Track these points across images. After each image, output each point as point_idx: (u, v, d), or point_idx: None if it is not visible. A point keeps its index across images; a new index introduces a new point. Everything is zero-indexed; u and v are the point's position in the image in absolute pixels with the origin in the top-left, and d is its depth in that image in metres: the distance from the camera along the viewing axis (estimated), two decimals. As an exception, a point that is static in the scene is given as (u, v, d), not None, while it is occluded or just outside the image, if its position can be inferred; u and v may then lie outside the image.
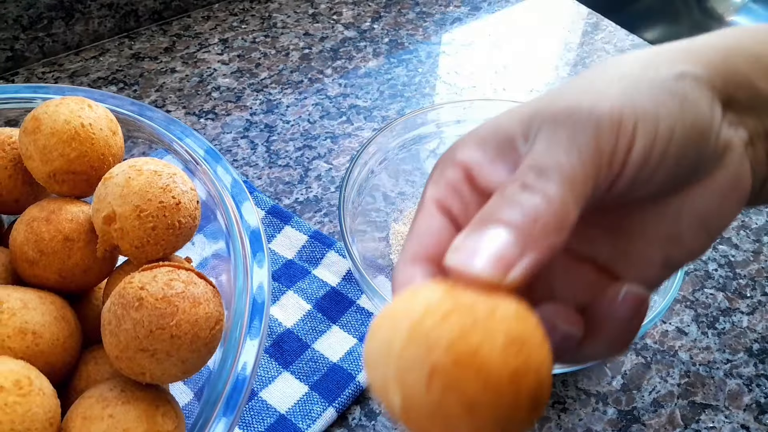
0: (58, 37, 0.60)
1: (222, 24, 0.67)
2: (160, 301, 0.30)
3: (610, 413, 0.39)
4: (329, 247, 0.46)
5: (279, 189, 0.51)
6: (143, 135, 0.41)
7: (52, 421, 0.29)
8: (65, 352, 0.33)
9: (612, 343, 0.22)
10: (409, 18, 0.69)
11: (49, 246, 0.34)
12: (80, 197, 0.37)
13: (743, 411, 0.40)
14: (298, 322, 0.42)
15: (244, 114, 0.57)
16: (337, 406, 0.38)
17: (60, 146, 0.34)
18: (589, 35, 0.68)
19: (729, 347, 0.43)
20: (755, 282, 0.46)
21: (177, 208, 0.34)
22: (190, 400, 0.38)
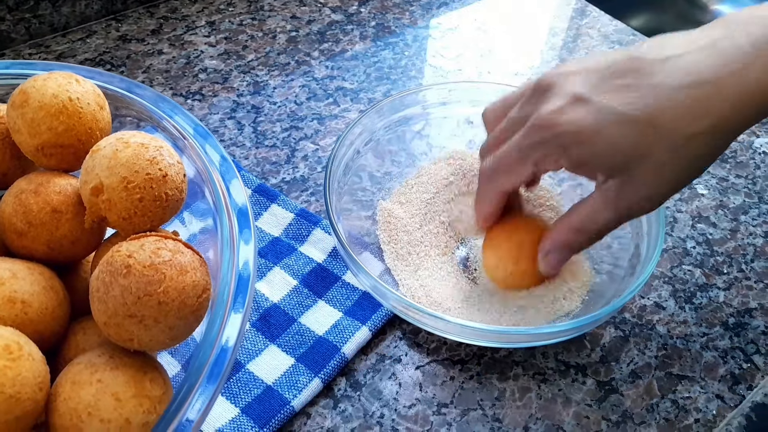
0: (44, 18, 0.60)
1: (209, 6, 0.67)
2: (148, 268, 0.30)
3: (588, 384, 0.40)
4: (315, 224, 0.46)
5: (266, 169, 0.52)
6: (132, 112, 0.41)
7: (42, 385, 0.30)
8: (54, 321, 0.34)
9: None
10: (395, 2, 0.69)
11: (37, 218, 0.34)
12: (68, 171, 0.37)
13: (718, 382, 0.41)
14: (284, 297, 0.43)
15: (231, 95, 0.58)
16: (323, 377, 0.39)
17: (48, 120, 0.35)
18: (575, 20, 0.69)
19: (705, 321, 0.44)
20: (732, 259, 0.47)
21: (164, 180, 0.34)
22: (178, 371, 0.38)
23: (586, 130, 0.32)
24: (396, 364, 0.41)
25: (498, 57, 0.63)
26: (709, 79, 0.31)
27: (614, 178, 0.33)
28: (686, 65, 0.31)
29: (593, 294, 0.42)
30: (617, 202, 0.33)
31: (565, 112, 0.32)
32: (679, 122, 0.31)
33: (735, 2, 0.90)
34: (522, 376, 0.40)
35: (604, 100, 0.32)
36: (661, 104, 0.31)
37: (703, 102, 0.31)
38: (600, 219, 0.34)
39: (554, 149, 0.33)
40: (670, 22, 0.90)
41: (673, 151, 0.31)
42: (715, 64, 0.31)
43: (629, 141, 0.32)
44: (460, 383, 0.40)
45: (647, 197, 0.33)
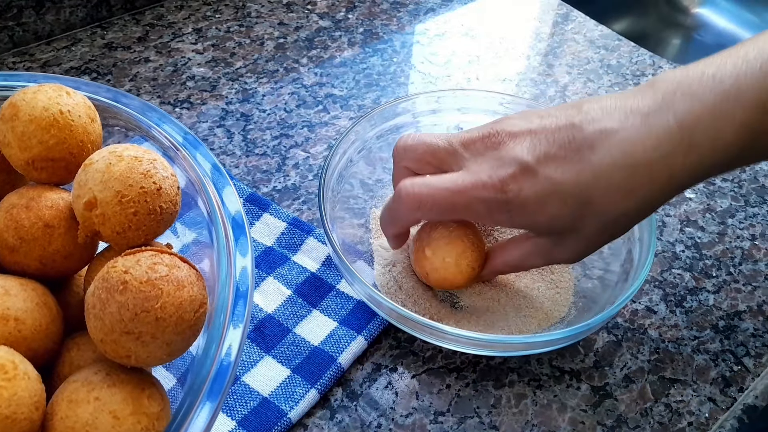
0: (28, 26, 0.59)
1: (196, 13, 0.66)
2: (145, 284, 0.30)
3: (583, 389, 0.41)
4: (308, 233, 0.46)
5: (257, 177, 0.51)
6: (119, 122, 0.40)
7: (38, 405, 0.29)
8: (48, 338, 0.33)
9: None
10: (383, 8, 0.69)
11: (29, 233, 0.34)
12: (59, 184, 0.37)
13: (710, 384, 0.41)
14: (278, 307, 0.43)
15: (220, 103, 0.57)
16: (320, 388, 0.39)
17: (39, 133, 0.34)
18: (560, 26, 0.69)
19: (696, 324, 0.44)
20: (720, 262, 0.48)
21: (158, 194, 0.34)
22: (174, 385, 0.38)
23: (531, 203, 0.35)
24: (392, 373, 0.41)
25: (485, 63, 0.64)
26: (641, 162, 0.33)
27: (548, 237, 0.38)
28: (621, 144, 0.34)
29: (586, 300, 0.43)
30: (547, 255, 0.38)
31: (515, 181, 0.35)
32: (611, 202, 0.34)
33: (715, 5, 0.92)
34: (517, 383, 0.41)
35: (548, 173, 0.35)
36: (596, 182, 0.34)
37: (634, 184, 0.34)
38: (531, 262, 0.40)
39: (501, 213, 0.36)
40: (652, 26, 0.92)
41: (602, 227, 0.36)
42: (646, 147, 0.33)
43: (566, 216, 0.35)
44: (456, 391, 0.40)
45: (572, 257, 0.38)
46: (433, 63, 0.63)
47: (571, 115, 0.36)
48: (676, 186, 0.34)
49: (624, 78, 0.63)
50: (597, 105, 0.35)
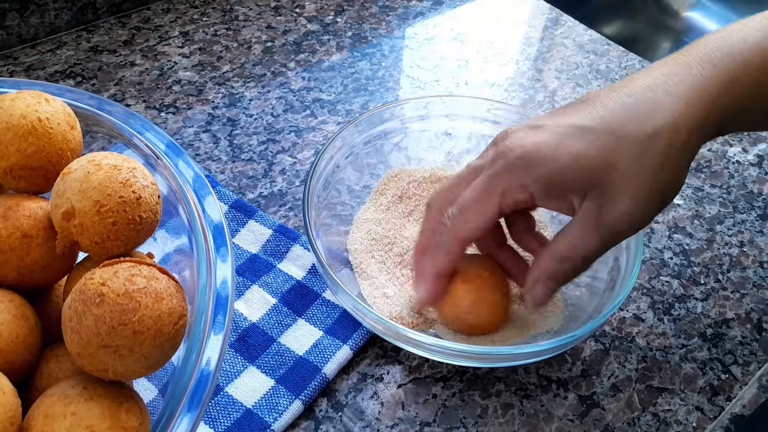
0: (12, 29, 0.59)
1: (182, 17, 0.66)
2: (122, 296, 0.29)
3: (570, 398, 0.40)
4: (294, 240, 0.46)
5: (243, 183, 0.51)
6: (102, 129, 0.40)
7: (13, 420, 0.29)
8: (25, 350, 0.33)
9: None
10: (372, 12, 0.69)
11: (6, 243, 0.33)
12: (38, 193, 0.36)
13: (698, 393, 0.41)
14: (263, 316, 0.42)
15: (206, 108, 0.57)
16: (304, 399, 0.38)
17: (16, 141, 0.34)
18: (549, 30, 0.69)
19: (684, 332, 0.44)
20: (708, 269, 0.48)
21: (137, 203, 0.33)
22: (155, 396, 0.38)
23: (547, 146, 0.33)
24: (378, 383, 0.40)
25: (475, 67, 0.63)
26: (657, 83, 0.33)
27: (589, 199, 0.33)
28: (633, 85, 0.33)
29: (573, 308, 0.42)
30: (599, 223, 0.32)
31: (523, 138, 0.34)
32: (636, 123, 0.32)
33: (705, 9, 0.92)
34: (504, 393, 0.40)
35: (559, 121, 0.34)
36: (614, 112, 0.32)
37: (654, 102, 0.32)
38: (585, 244, 0.33)
39: (519, 172, 0.33)
40: (642, 30, 0.92)
41: (639, 154, 0.31)
42: (662, 73, 0.33)
43: (592, 151, 0.32)
44: (442, 401, 0.40)
45: (628, 213, 0.32)
46: (422, 68, 0.63)
47: (577, 100, 0.35)
48: (700, 100, 0.32)
49: (613, 83, 0.63)
50: (604, 90, 0.35)
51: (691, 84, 0.32)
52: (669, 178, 0.32)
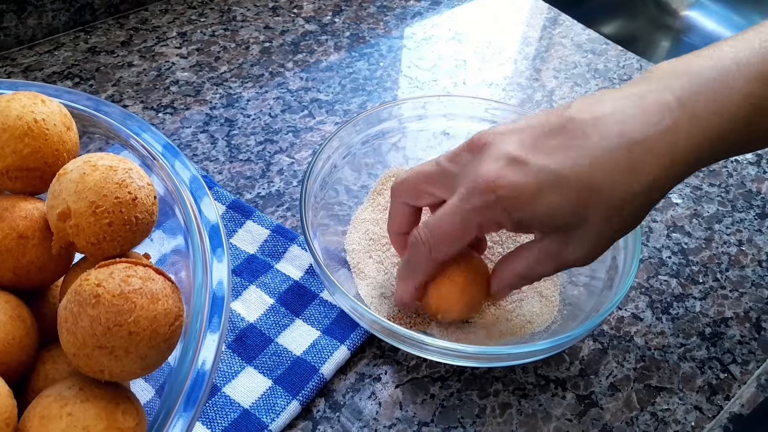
0: (9, 30, 0.59)
1: (180, 17, 0.66)
2: (118, 297, 0.29)
3: (569, 398, 0.40)
4: (292, 241, 0.46)
5: (240, 184, 0.51)
6: (99, 130, 0.40)
7: (8, 421, 0.29)
8: (21, 351, 0.33)
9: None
10: (370, 12, 0.69)
11: (2, 244, 0.33)
12: (34, 194, 0.36)
13: (696, 393, 0.41)
14: (260, 316, 0.42)
15: (204, 108, 0.57)
16: (301, 399, 0.38)
17: (12, 142, 0.34)
18: (548, 30, 0.69)
19: (682, 332, 0.44)
20: (707, 268, 0.48)
21: (133, 204, 0.33)
22: (152, 397, 0.37)
23: (526, 193, 0.32)
24: (375, 383, 0.40)
25: (473, 67, 0.63)
26: (639, 139, 0.31)
27: (552, 238, 0.35)
28: (616, 125, 0.32)
29: (571, 307, 0.42)
30: (557, 258, 0.35)
31: (503, 175, 0.33)
32: (615, 185, 0.32)
33: (703, 8, 0.92)
34: (502, 392, 0.40)
35: (540, 161, 0.32)
36: (595, 167, 0.31)
37: (636, 163, 0.31)
38: (540, 270, 0.36)
39: (498, 213, 0.34)
40: (641, 29, 0.91)
41: (610, 214, 0.32)
42: (644, 123, 0.31)
43: (567, 205, 0.32)
44: (440, 401, 0.40)
45: (584, 255, 0.35)
46: (420, 67, 0.63)
47: (559, 110, 0.34)
48: (682, 163, 0.32)
49: (611, 82, 0.63)
50: (587, 98, 0.34)
51: (674, 143, 0.31)
52: (629, 228, 0.35)
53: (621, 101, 0.32)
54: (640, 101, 0.32)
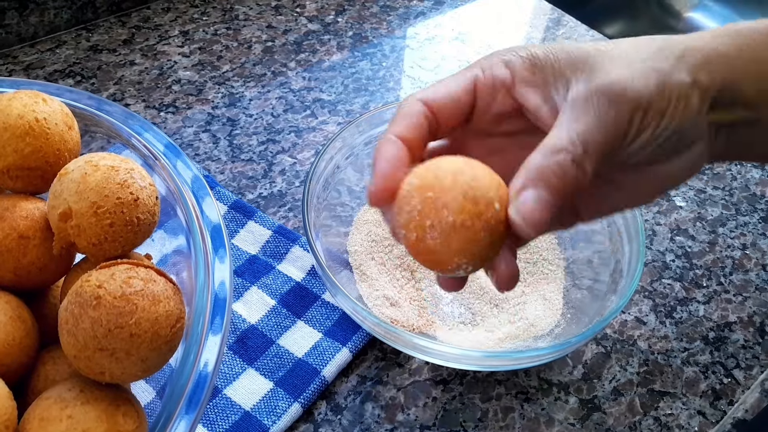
0: (11, 28, 0.58)
1: (182, 16, 0.65)
2: (119, 299, 0.29)
3: (571, 402, 0.40)
4: (294, 241, 0.46)
5: (242, 184, 0.51)
6: (101, 130, 0.40)
7: (8, 423, 0.28)
8: (21, 352, 0.32)
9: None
10: (373, 12, 0.68)
11: (3, 244, 0.33)
12: (35, 194, 0.36)
13: (699, 397, 0.41)
14: (262, 318, 0.42)
15: (206, 107, 0.56)
16: (303, 402, 0.38)
17: (13, 141, 0.33)
18: (551, 30, 0.68)
19: (686, 336, 0.44)
20: (711, 272, 0.48)
21: (135, 204, 0.33)
22: (153, 398, 0.37)
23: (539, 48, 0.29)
24: (377, 386, 0.40)
25: (476, 67, 0.63)
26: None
27: (576, 81, 0.27)
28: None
29: (575, 311, 0.42)
30: (589, 95, 0.26)
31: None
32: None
33: (706, 10, 0.91)
34: (505, 396, 0.40)
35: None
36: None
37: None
38: (578, 125, 0.26)
39: (503, 51, 0.30)
40: (643, 31, 0.91)
41: (634, 46, 0.28)
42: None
43: (584, 46, 0.28)
44: (442, 404, 0.39)
45: (624, 77, 0.26)
46: (423, 68, 0.62)
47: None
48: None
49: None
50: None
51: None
52: (667, 68, 0.27)
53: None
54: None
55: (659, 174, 0.28)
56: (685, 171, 0.28)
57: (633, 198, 0.30)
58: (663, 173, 0.28)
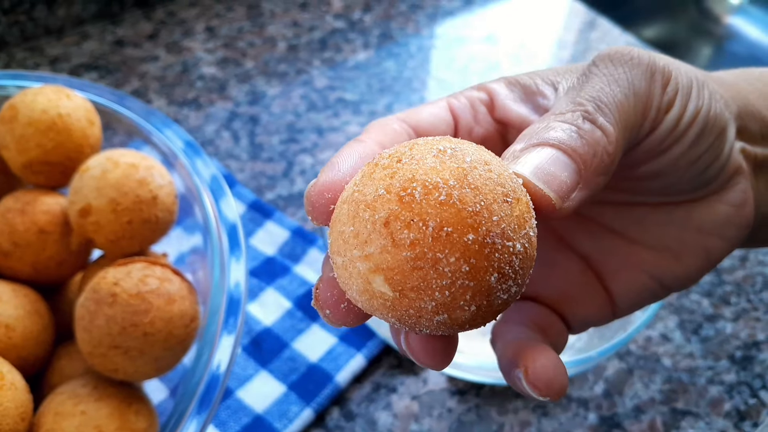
0: (39, 21, 0.59)
1: (208, 11, 0.65)
2: (134, 297, 0.29)
3: (591, 419, 0.39)
4: (311, 243, 0.45)
5: (262, 183, 0.50)
6: (122, 125, 0.40)
7: (24, 416, 0.28)
8: (38, 346, 0.32)
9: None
10: (400, 10, 0.68)
11: (23, 238, 0.33)
12: (56, 188, 0.36)
13: (723, 418, 0.39)
14: (277, 320, 0.41)
15: (228, 105, 0.56)
16: (315, 407, 0.37)
17: (37, 136, 0.34)
18: (584, 33, 0.67)
19: (712, 354, 0.42)
20: (741, 289, 0.46)
21: (153, 202, 0.33)
22: (165, 397, 0.37)
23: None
24: (391, 394, 0.39)
25: (505, 70, 0.62)
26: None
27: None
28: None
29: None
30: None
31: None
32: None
33: (748, 15, 0.89)
34: (522, 410, 0.39)
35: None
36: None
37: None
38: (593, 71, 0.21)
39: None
40: (681, 34, 0.89)
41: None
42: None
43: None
44: (457, 415, 0.39)
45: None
46: (450, 69, 0.62)
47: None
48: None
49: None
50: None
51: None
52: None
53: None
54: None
55: (697, 222, 0.23)
56: (729, 219, 0.23)
57: (673, 261, 0.23)
58: (701, 220, 0.23)
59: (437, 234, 0.15)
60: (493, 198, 0.16)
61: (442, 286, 0.16)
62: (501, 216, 0.16)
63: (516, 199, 0.16)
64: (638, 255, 0.24)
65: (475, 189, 0.16)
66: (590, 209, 0.24)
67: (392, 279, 0.16)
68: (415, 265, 0.15)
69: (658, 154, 0.22)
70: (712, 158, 0.22)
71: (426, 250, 0.15)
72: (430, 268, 0.15)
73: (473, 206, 0.16)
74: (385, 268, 0.16)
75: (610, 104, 0.20)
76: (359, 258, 0.16)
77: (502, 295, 0.16)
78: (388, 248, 0.16)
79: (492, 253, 0.16)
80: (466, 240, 0.15)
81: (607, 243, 0.24)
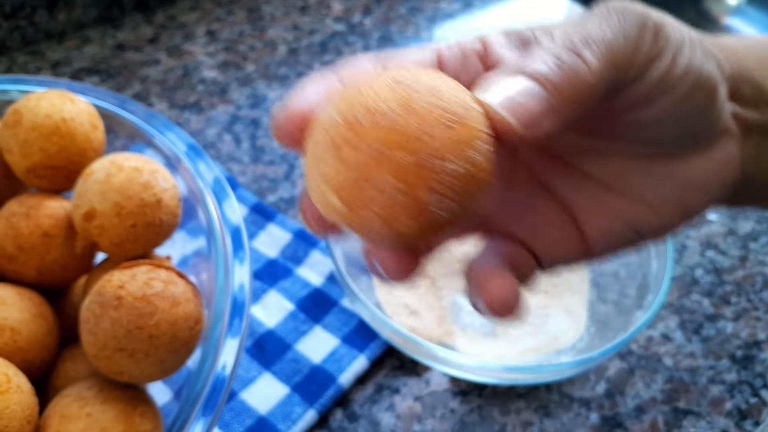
0: (40, 25, 0.59)
1: (208, 15, 0.66)
2: (139, 300, 0.29)
3: (593, 418, 0.39)
4: (313, 245, 0.45)
5: (264, 186, 0.50)
6: (124, 129, 0.40)
7: (30, 418, 0.29)
8: (43, 350, 0.33)
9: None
10: (400, 13, 0.68)
11: (27, 242, 0.33)
12: (60, 192, 0.36)
13: (725, 417, 0.40)
14: (280, 322, 0.42)
15: (229, 108, 0.56)
16: (318, 408, 0.38)
17: (40, 140, 0.34)
18: (580, 36, 0.67)
19: (713, 353, 0.43)
20: (741, 288, 0.46)
21: (158, 206, 0.33)
22: (169, 399, 0.37)
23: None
24: (394, 395, 0.39)
25: (503, 72, 0.62)
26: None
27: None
28: None
29: (599, 324, 0.41)
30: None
31: None
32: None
33: (745, 16, 0.89)
34: (524, 410, 0.39)
35: None
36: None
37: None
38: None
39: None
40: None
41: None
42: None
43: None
44: (460, 416, 0.39)
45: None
46: (449, 71, 0.62)
47: None
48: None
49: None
50: None
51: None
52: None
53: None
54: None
55: (679, 177, 0.23)
56: (712, 177, 0.23)
57: (650, 211, 0.23)
58: (684, 176, 0.23)
59: (376, 155, 0.17)
60: (432, 122, 0.18)
61: (383, 203, 0.18)
62: (439, 139, 0.17)
63: (461, 124, 0.18)
64: (615, 202, 0.24)
65: (415, 113, 0.18)
66: (572, 156, 0.24)
67: (342, 197, 0.18)
68: (358, 185, 0.18)
69: (646, 104, 0.22)
70: (701, 116, 0.22)
71: (366, 170, 0.18)
72: (371, 188, 0.18)
73: (412, 129, 0.17)
74: (336, 187, 0.18)
75: (598, 41, 0.20)
76: (319, 177, 0.19)
77: (442, 213, 0.18)
78: (338, 168, 0.18)
79: (426, 172, 0.17)
80: (400, 159, 0.17)
81: (586, 190, 0.24)
